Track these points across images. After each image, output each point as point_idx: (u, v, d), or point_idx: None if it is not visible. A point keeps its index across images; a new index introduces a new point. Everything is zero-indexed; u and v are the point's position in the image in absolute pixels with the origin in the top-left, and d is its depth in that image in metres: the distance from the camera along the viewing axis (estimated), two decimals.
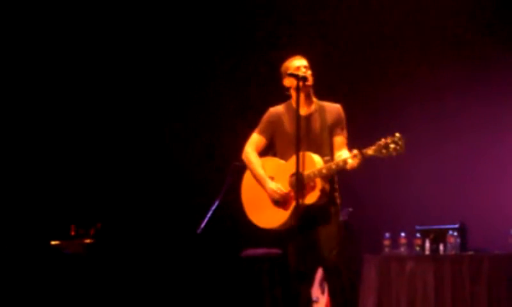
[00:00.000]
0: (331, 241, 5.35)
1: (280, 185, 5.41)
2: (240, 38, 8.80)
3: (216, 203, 6.91)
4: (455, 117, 7.96)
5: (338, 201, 5.46)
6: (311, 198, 5.25)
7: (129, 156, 8.86)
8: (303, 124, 5.36)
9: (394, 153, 4.95)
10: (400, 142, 4.95)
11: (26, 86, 8.59)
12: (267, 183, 5.46)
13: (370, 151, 5.05)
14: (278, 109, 5.56)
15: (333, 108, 5.48)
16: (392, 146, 4.95)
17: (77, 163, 8.68)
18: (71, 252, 7.56)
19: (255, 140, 5.62)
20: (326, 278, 5.49)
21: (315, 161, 5.27)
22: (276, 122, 5.53)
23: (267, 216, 5.48)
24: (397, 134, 4.96)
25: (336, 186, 5.46)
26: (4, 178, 8.38)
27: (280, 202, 5.42)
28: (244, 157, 5.64)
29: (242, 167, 6.55)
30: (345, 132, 5.41)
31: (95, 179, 8.68)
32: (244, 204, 5.63)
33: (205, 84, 8.89)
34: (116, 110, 8.88)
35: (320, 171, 5.22)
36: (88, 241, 7.55)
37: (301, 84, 5.27)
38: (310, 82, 5.41)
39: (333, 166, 5.20)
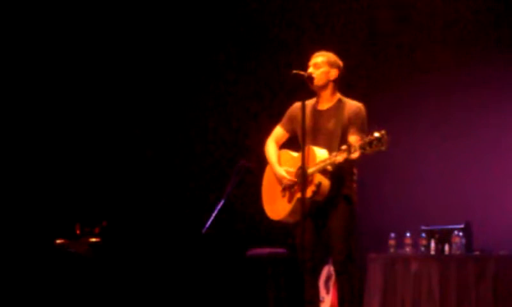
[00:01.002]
0: (339, 237, 5.37)
1: (289, 168, 5.50)
2: (252, 36, 8.81)
3: (222, 203, 6.90)
4: (461, 117, 7.95)
5: (352, 197, 5.45)
6: (307, 193, 5.24)
7: (134, 154, 8.85)
8: (318, 119, 5.48)
9: (376, 150, 4.95)
10: (383, 140, 4.92)
11: (31, 84, 8.58)
12: (277, 168, 5.58)
13: (356, 146, 5.03)
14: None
15: (352, 105, 5.48)
16: (375, 142, 4.94)
17: (82, 161, 8.68)
18: (76, 251, 7.56)
19: (276, 132, 5.76)
20: (336, 276, 5.49)
21: (317, 155, 5.30)
22: (295, 116, 5.59)
23: (275, 208, 5.61)
24: (383, 131, 4.94)
25: (351, 183, 5.46)
26: (9, 176, 8.38)
27: (287, 193, 5.48)
28: (264, 147, 5.75)
29: (248, 167, 6.56)
30: (361, 133, 5.31)
31: (101, 177, 8.68)
32: (262, 195, 5.76)
33: (212, 83, 8.89)
34: (122, 109, 8.87)
35: (318, 166, 5.26)
36: (93, 240, 7.54)
37: (308, 82, 5.36)
38: (316, 81, 5.43)
39: (328, 161, 5.23)
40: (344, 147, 5.11)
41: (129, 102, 8.90)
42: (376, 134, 4.93)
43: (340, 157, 5.13)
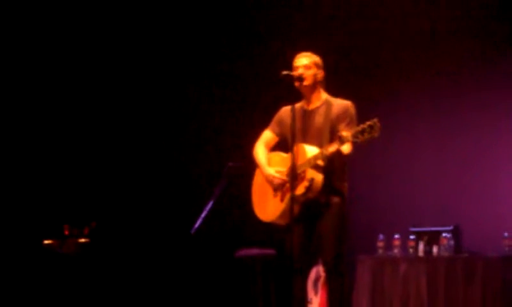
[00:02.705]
0: (330, 236, 5.35)
1: (278, 168, 5.49)
2: (240, 37, 8.81)
3: (210, 204, 6.90)
4: (450, 120, 7.97)
5: (344, 195, 5.43)
6: (299, 189, 5.28)
7: (124, 155, 8.84)
8: (307, 118, 5.48)
9: (369, 137, 4.94)
10: (375, 127, 4.92)
11: (18, 87, 8.55)
12: (266, 169, 5.56)
13: (348, 136, 5.05)
14: (291, 106, 5.54)
15: (341, 104, 5.48)
16: (368, 130, 4.94)
17: (71, 161, 8.65)
18: (64, 251, 7.54)
19: (264, 136, 5.74)
20: (326, 277, 5.48)
21: (307, 152, 5.30)
22: (283, 119, 5.59)
23: (267, 209, 5.58)
24: (374, 119, 4.95)
25: (342, 181, 5.44)
26: None
27: (279, 193, 5.46)
28: (253, 151, 5.73)
29: (237, 169, 6.55)
30: (351, 129, 5.21)
31: (90, 178, 8.66)
32: (252, 198, 5.73)
33: (202, 83, 8.89)
34: (111, 109, 8.85)
35: (309, 161, 5.26)
36: (82, 240, 7.53)
37: (297, 83, 5.39)
38: (306, 82, 5.44)
39: (319, 155, 5.23)
40: (336, 138, 5.11)
41: (119, 103, 8.88)
42: (368, 122, 4.94)
43: (331, 148, 5.13)
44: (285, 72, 5.32)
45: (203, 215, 6.80)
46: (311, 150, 5.32)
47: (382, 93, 8.18)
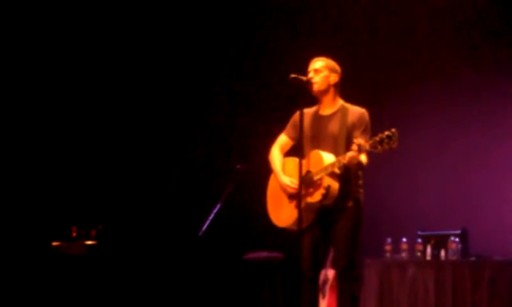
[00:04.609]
0: (344, 242, 5.34)
1: (293, 179, 5.44)
2: (253, 38, 8.81)
3: (218, 206, 6.91)
4: (458, 123, 7.96)
5: (359, 198, 5.42)
6: (316, 197, 5.27)
7: (131, 158, 8.85)
8: (322, 124, 5.46)
9: (387, 148, 4.94)
10: (394, 137, 4.91)
11: (27, 86, 8.57)
12: (281, 177, 5.53)
13: (366, 145, 5.04)
14: (306, 110, 5.51)
15: (356, 110, 5.46)
16: (386, 140, 4.93)
17: (78, 164, 8.67)
18: (72, 253, 7.56)
19: (280, 140, 5.71)
20: (339, 282, 5.45)
21: (323, 159, 5.28)
22: (299, 123, 5.50)
23: (282, 214, 5.54)
24: (393, 129, 4.94)
25: (357, 187, 5.43)
26: (6, 178, 8.37)
27: (294, 199, 5.43)
28: (269, 155, 5.70)
29: (244, 171, 6.54)
30: (365, 136, 5.26)
31: (97, 180, 8.68)
32: (267, 203, 5.70)
33: (212, 86, 8.90)
34: (119, 112, 8.87)
35: (325, 168, 5.24)
36: (89, 242, 7.55)
37: (309, 87, 5.37)
38: (315, 86, 5.43)
39: (336, 163, 5.21)
40: (354, 147, 5.07)
41: (128, 105, 8.90)
42: (386, 132, 4.94)
43: (349, 156, 5.09)
44: (293, 75, 5.30)
45: (210, 217, 6.81)
46: (327, 157, 5.29)
47: (387, 98, 8.18)
